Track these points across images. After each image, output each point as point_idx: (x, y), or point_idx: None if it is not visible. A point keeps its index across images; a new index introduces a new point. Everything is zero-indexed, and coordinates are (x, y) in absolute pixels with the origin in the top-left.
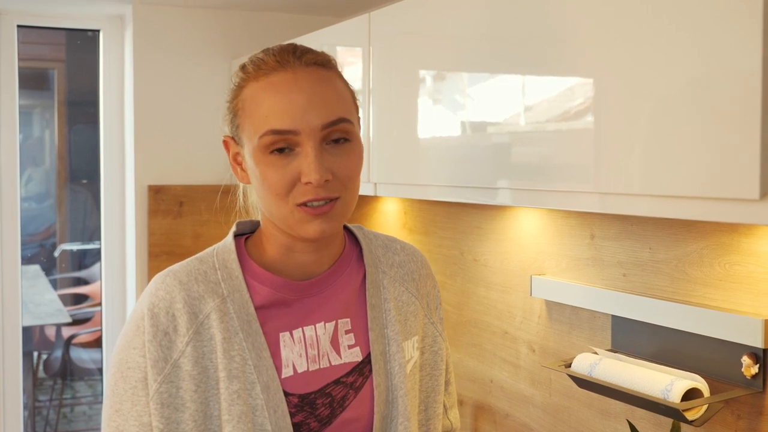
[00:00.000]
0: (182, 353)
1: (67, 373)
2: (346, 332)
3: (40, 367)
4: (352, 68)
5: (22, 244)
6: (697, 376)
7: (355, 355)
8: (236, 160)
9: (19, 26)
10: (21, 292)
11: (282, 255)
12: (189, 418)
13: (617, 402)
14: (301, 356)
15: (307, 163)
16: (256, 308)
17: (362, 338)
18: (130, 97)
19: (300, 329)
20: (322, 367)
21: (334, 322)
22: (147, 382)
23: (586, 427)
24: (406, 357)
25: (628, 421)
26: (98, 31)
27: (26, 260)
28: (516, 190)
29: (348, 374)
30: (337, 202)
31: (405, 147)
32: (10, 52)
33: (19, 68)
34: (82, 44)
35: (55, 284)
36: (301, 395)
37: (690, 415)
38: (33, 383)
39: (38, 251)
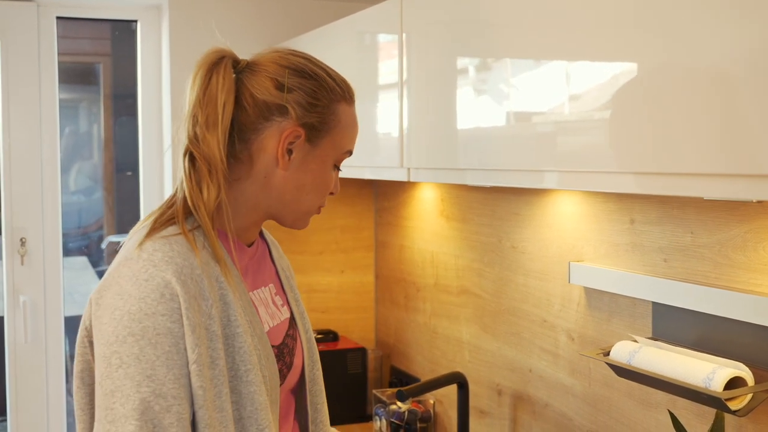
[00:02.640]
0: (210, 316)
1: None
2: (275, 294)
3: None
4: (384, 52)
5: (72, 236)
6: (741, 364)
7: (286, 313)
8: (287, 148)
9: (58, 18)
10: (63, 283)
11: (247, 228)
12: (219, 374)
13: (658, 392)
14: (266, 313)
15: (337, 180)
16: None
17: (283, 299)
18: (167, 86)
19: (258, 290)
20: (276, 323)
21: (270, 285)
22: (180, 346)
23: (626, 417)
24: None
25: (669, 411)
26: (136, 21)
27: (75, 252)
28: (560, 172)
29: (289, 328)
30: None
31: (441, 133)
32: (50, 44)
33: (66, 63)
34: (126, 37)
35: (101, 275)
36: (276, 346)
37: (733, 405)
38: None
39: (87, 243)
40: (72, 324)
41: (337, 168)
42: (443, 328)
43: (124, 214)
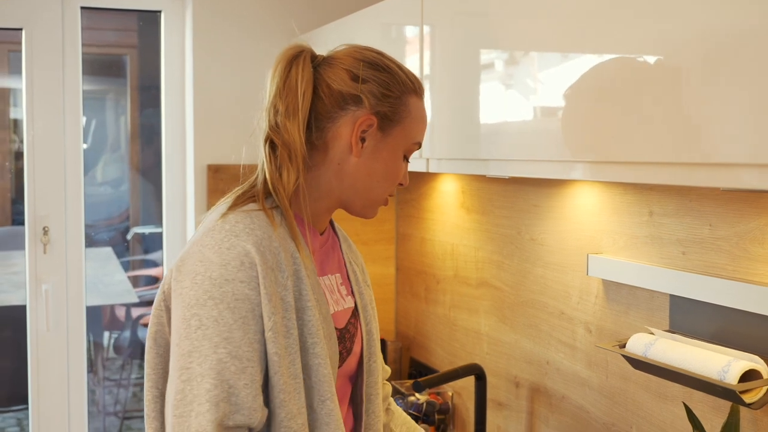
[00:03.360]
0: (285, 287)
1: (136, 352)
2: (341, 283)
3: (111, 348)
4: (407, 44)
5: (98, 228)
6: (757, 357)
7: (350, 303)
8: (361, 136)
9: (82, 8)
10: (85, 272)
11: (320, 215)
12: (293, 343)
13: (674, 384)
14: (331, 299)
15: (406, 171)
16: None
17: (348, 289)
18: (190, 76)
19: (326, 276)
20: (340, 309)
21: (337, 274)
22: (257, 313)
23: (642, 410)
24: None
25: (684, 404)
26: (160, 12)
27: (100, 243)
28: (584, 162)
29: (351, 317)
30: None
31: (463, 126)
32: (74, 34)
33: (93, 55)
34: (153, 29)
35: (127, 266)
36: (339, 329)
37: (748, 398)
38: (103, 363)
39: (114, 235)
40: (94, 314)
41: (406, 159)
42: (462, 320)
43: (150, 206)
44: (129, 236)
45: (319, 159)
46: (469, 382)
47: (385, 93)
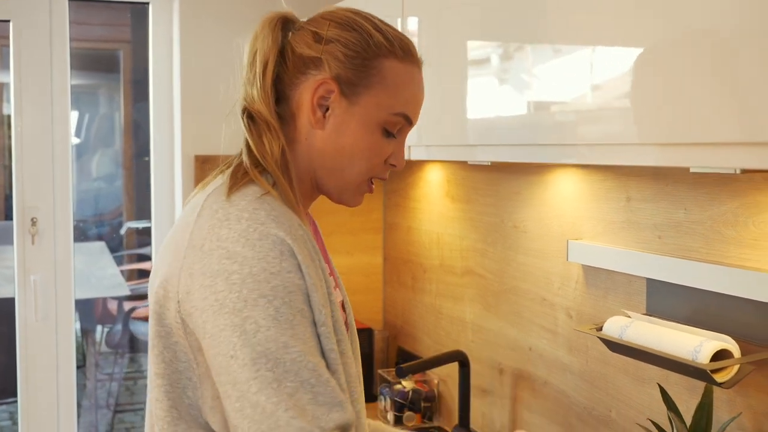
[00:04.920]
0: (320, 278)
1: (128, 345)
2: (329, 274)
3: (103, 341)
4: None
5: (91, 222)
6: (728, 337)
7: (339, 296)
8: (320, 103)
9: (70, 1)
10: (74, 264)
11: (304, 200)
12: (343, 339)
13: (651, 368)
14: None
15: (399, 150)
16: None
17: (335, 282)
18: (177, 66)
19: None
20: (339, 298)
21: (325, 265)
22: (307, 303)
23: (621, 393)
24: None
25: (659, 385)
26: (147, 4)
27: (95, 238)
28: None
29: (342, 306)
30: None
31: (445, 114)
32: (62, 27)
33: (86, 50)
34: (145, 23)
35: (121, 260)
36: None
37: (719, 377)
38: (96, 356)
39: (107, 230)
40: (86, 307)
41: (391, 135)
42: (448, 309)
43: (143, 201)
44: (122, 231)
45: (291, 134)
46: (454, 369)
47: (349, 54)
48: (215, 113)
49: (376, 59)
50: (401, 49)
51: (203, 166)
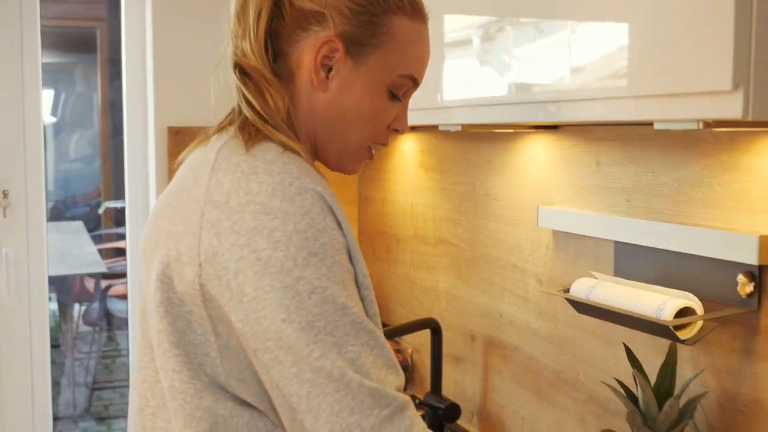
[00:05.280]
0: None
1: (105, 322)
2: None
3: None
4: None
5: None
6: (692, 295)
7: None
8: (324, 63)
9: None
10: (47, 242)
11: None
12: (373, 295)
13: (619, 330)
14: None
15: (403, 114)
16: None
17: None
18: (150, 36)
19: None
20: None
21: None
22: (350, 263)
23: (589, 356)
24: None
25: (624, 344)
26: None
27: (73, 218)
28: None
29: None
30: None
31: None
32: (32, 3)
33: (63, 28)
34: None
35: (99, 240)
36: None
37: (683, 335)
38: (73, 335)
39: (87, 210)
40: (62, 285)
41: (396, 98)
42: (421, 279)
43: (121, 180)
44: (100, 211)
45: (290, 94)
46: (428, 339)
47: (356, 10)
48: (188, 84)
49: (385, 16)
50: (410, 5)
51: (176, 138)
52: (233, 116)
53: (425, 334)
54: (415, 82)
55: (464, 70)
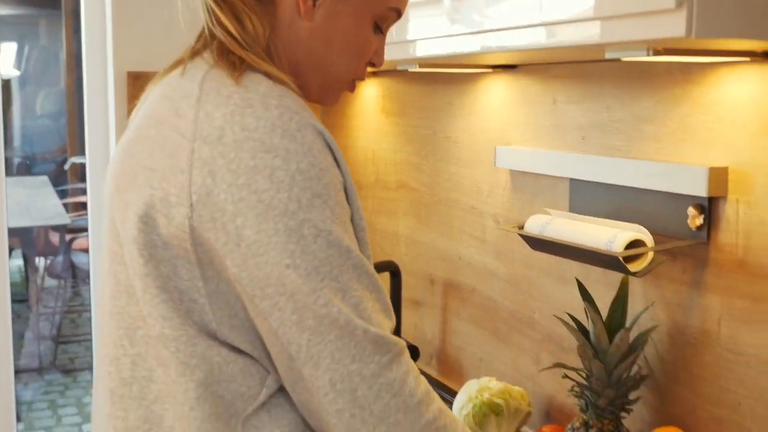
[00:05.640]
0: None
1: (70, 274)
2: None
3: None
4: None
5: (38, 159)
6: (642, 228)
7: None
8: None
9: None
10: (6, 194)
11: None
12: (368, 237)
13: (573, 268)
14: None
15: (382, 47)
16: None
17: None
18: None
19: None
20: None
21: None
22: (347, 203)
23: (544, 294)
24: None
25: (576, 279)
26: None
27: (40, 173)
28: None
29: None
30: None
31: None
32: None
33: None
34: None
35: (65, 194)
36: None
37: (633, 267)
38: (38, 290)
39: (53, 167)
40: (26, 239)
41: (380, 30)
42: (382, 224)
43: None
44: (66, 166)
45: (271, 21)
46: (386, 281)
47: None
48: (148, 27)
49: None
50: None
51: (136, 83)
52: (205, 40)
53: (385, 279)
54: (398, 15)
55: (422, 6)
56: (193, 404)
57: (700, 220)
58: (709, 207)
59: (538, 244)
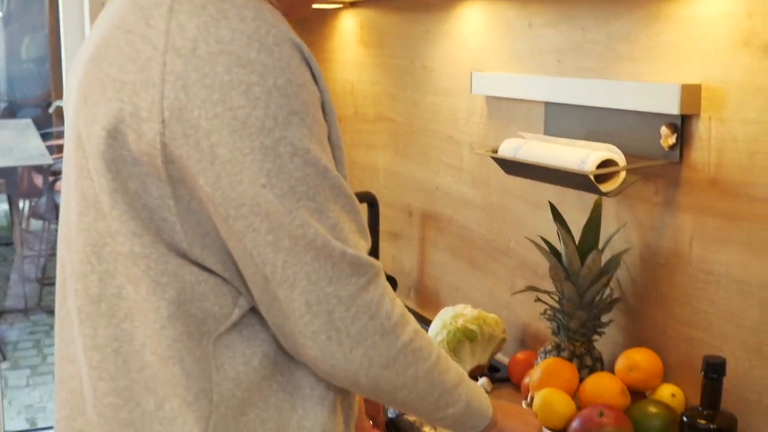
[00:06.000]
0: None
1: (53, 214)
2: None
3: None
4: None
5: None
6: (614, 147)
7: None
8: None
9: None
10: None
11: None
12: (345, 157)
13: (547, 192)
14: None
15: None
16: None
17: None
18: None
19: None
20: None
21: None
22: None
23: (519, 221)
24: None
25: (549, 202)
26: None
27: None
28: None
29: None
30: None
31: None
32: None
33: None
34: None
35: (50, 137)
36: None
37: (605, 187)
38: (23, 233)
39: (38, 111)
40: (10, 179)
41: None
42: (360, 157)
43: None
44: (51, 110)
45: None
46: (365, 213)
47: None
48: None
49: None
50: None
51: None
52: None
53: (362, 210)
54: None
55: None
56: (165, 323)
57: (672, 140)
58: (682, 126)
59: (512, 167)
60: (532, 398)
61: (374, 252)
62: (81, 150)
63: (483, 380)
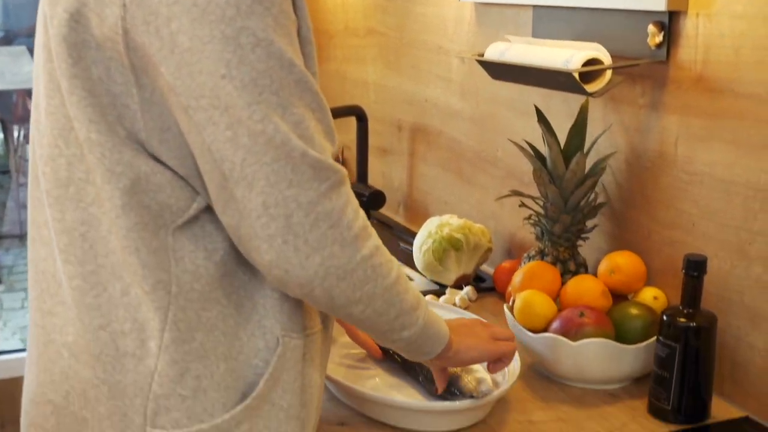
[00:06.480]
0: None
1: None
2: None
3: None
4: None
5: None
6: (600, 46)
7: None
8: None
9: None
10: None
11: None
12: (315, 52)
13: (534, 97)
14: None
15: None
16: None
17: None
18: None
19: None
20: None
21: None
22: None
23: (507, 131)
24: None
25: (534, 106)
26: None
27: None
28: None
29: None
30: None
31: None
32: None
33: None
34: None
35: None
36: None
37: (590, 87)
38: (18, 158)
39: (31, 41)
40: (4, 105)
41: None
42: (351, 72)
43: None
44: None
45: None
46: (353, 128)
47: None
48: None
49: None
50: None
51: None
52: None
53: (351, 123)
54: None
55: None
56: (119, 212)
57: (659, 38)
58: (669, 24)
59: (498, 71)
60: (513, 301)
61: (363, 164)
62: (46, 30)
63: (468, 289)
